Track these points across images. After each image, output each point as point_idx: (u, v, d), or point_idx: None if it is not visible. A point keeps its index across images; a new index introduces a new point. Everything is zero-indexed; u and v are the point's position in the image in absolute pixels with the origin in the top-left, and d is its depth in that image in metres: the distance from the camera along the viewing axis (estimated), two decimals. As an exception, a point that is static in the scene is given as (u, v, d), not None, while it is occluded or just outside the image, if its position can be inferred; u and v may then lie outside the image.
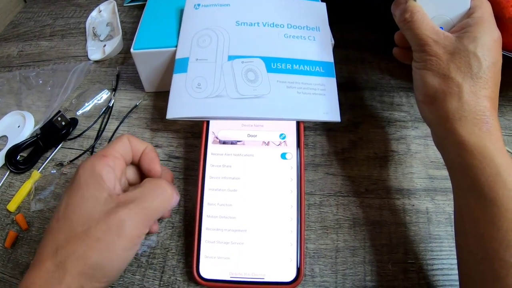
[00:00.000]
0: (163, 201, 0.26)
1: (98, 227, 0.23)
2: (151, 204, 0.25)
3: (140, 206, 0.24)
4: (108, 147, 0.27)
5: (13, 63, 0.51)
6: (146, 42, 0.39)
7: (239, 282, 0.29)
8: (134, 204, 0.24)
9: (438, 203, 0.35)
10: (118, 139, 0.28)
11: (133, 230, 0.24)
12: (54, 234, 0.23)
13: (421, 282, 0.31)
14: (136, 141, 0.29)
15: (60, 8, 0.61)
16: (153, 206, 0.25)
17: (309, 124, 0.41)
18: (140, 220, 0.24)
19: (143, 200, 0.25)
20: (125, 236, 0.23)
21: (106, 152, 0.27)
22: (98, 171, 0.25)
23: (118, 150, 0.27)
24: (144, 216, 0.24)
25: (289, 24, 0.40)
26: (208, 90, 0.35)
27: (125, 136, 0.29)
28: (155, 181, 0.27)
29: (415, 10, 0.30)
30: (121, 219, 0.23)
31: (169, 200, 0.27)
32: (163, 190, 0.26)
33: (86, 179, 0.24)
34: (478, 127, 0.26)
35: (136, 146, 0.29)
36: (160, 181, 0.27)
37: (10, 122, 0.43)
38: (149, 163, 0.29)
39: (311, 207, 0.35)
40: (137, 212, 0.24)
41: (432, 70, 0.28)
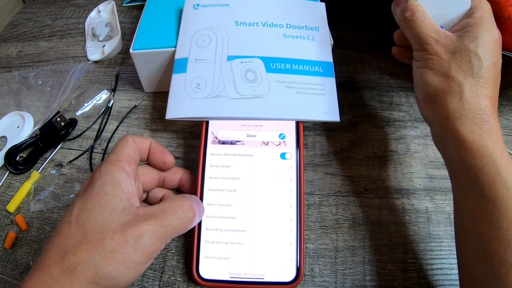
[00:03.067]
0: (183, 222, 0.25)
1: (114, 238, 0.22)
2: (171, 223, 0.24)
3: (160, 223, 0.24)
4: (117, 151, 0.26)
5: (12, 63, 0.51)
6: (145, 42, 0.39)
7: (238, 282, 0.29)
8: (154, 220, 0.23)
9: (437, 203, 0.35)
10: (123, 142, 0.27)
11: (150, 246, 0.23)
12: (63, 238, 0.22)
13: (420, 281, 0.31)
14: (140, 139, 0.29)
15: (59, 9, 0.61)
16: (173, 225, 0.24)
17: (308, 124, 0.41)
18: (158, 237, 0.23)
19: (164, 218, 0.24)
20: (141, 251, 0.22)
21: (119, 156, 0.26)
22: (116, 177, 0.24)
23: (128, 153, 0.26)
24: (163, 234, 0.24)
25: (288, 24, 0.40)
26: (208, 90, 0.35)
27: (129, 136, 0.28)
28: (178, 200, 0.26)
29: (416, 9, 0.30)
30: (140, 233, 0.22)
31: (190, 221, 0.26)
32: (186, 211, 0.26)
33: (103, 186, 0.24)
34: (478, 126, 0.26)
35: (141, 144, 0.29)
36: (184, 201, 0.26)
37: (9, 122, 0.43)
38: (161, 157, 0.29)
39: (310, 207, 0.35)
40: (157, 229, 0.23)
41: (433, 69, 0.28)
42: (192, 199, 0.27)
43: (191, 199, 0.27)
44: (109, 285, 0.22)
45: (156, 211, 0.24)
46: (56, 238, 0.22)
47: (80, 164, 0.39)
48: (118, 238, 0.22)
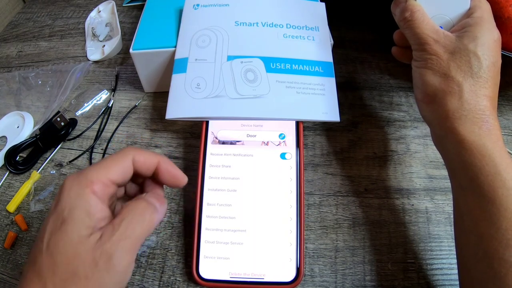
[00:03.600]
0: (145, 225, 0.24)
1: (86, 265, 0.21)
2: (133, 232, 0.23)
3: (123, 235, 0.22)
4: (100, 167, 0.24)
5: (12, 63, 0.51)
6: (145, 42, 0.39)
7: (238, 282, 0.29)
8: (117, 235, 0.22)
9: (437, 203, 0.35)
10: (117, 158, 0.25)
11: (121, 262, 0.22)
12: (38, 270, 0.21)
13: (420, 281, 0.31)
14: (144, 156, 0.26)
15: (59, 9, 0.61)
16: (136, 233, 0.23)
17: (308, 124, 0.41)
18: (126, 250, 0.22)
19: (126, 228, 0.23)
20: (114, 270, 0.22)
21: (95, 175, 0.23)
22: (84, 202, 0.22)
23: (110, 175, 0.24)
24: (130, 245, 0.23)
25: (288, 24, 0.40)
26: (208, 90, 0.35)
27: (130, 153, 0.25)
28: (134, 205, 0.24)
29: (415, 9, 0.30)
30: (108, 255, 0.22)
31: (152, 222, 0.24)
32: (143, 214, 0.24)
33: (71, 212, 0.22)
34: (478, 126, 0.26)
35: (146, 161, 0.26)
36: (139, 204, 0.24)
37: (9, 122, 0.43)
38: (172, 181, 0.26)
39: (310, 207, 0.35)
40: (122, 242, 0.22)
41: (432, 69, 0.28)
42: (148, 196, 0.25)
43: (147, 197, 0.25)
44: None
45: (116, 225, 0.23)
46: (31, 269, 0.22)
47: (80, 164, 0.39)
48: (89, 264, 0.21)
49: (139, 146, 0.40)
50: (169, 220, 0.34)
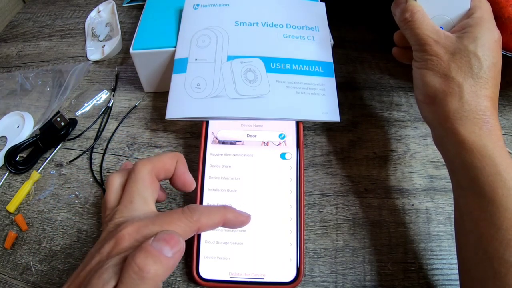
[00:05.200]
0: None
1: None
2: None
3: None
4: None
5: (12, 63, 0.51)
6: (145, 42, 0.39)
7: (238, 282, 0.29)
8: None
9: (437, 203, 0.35)
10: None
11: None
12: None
13: (420, 281, 0.31)
14: (163, 163, 0.25)
15: (59, 9, 0.60)
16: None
17: (308, 124, 0.41)
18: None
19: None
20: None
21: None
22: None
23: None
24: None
25: (288, 24, 0.40)
26: (207, 90, 0.35)
27: (151, 173, 0.25)
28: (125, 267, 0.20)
29: (415, 10, 0.30)
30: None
31: (155, 278, 0.20)
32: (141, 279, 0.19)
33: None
34: (478, 127, 0.26)
35: (165, 168, 0.25)
36: (127, 267, 0.20)
37: (9, 122, 0.43)
38: (182, 187, 0.26)
39: (310, 207, 0.35)
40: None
41: (433, 70, 0.28)
42: (154, 242, 0.20)
43: (153, 242, 0.20)
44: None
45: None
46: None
47: (80, 164, 0.39)
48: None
49: (139, 146, 0.40)
50: (169, 220, 0.34)
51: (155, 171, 0.25)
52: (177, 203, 0.35)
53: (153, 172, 0.25)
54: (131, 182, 0.24)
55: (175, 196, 0.36)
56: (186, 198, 0.36)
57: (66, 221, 0.35)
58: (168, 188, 0.36)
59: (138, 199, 0.24)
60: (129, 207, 0.23)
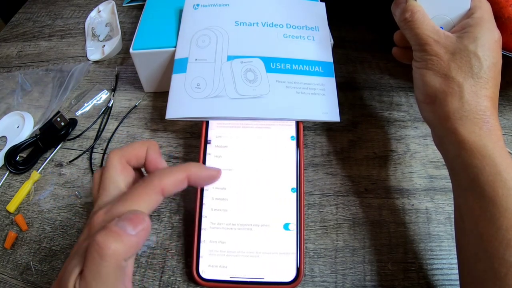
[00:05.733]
0: (106, 268, 0.20)
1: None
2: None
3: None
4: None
5: (12, 63, 0.51)
6: (145, 42, 0.39)
7: (238, 282, 0.29)
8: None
9: (437, 203, 0.35)
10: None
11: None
12: None
13: (420, 281, 0.31)
14: (134, 150, 0.25)
15: (59, 9, 0.60)
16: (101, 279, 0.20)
17: (308, 124, 0.41)
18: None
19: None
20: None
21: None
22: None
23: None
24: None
25: (288, 24, 0.40)
26: (208, 90, 0.35)
27: (121, 159, 0.25)
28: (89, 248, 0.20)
29: (415, 10, 0.30)
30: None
31: (115, 259, 0.20)
32: (101, 260, 0.20)
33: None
34: (478, 127, 0.26)
35: (136, 155, 0.25)
36: (91, 246, 0.20)
37: (9, 122, 0.43)
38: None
39: (310, 207, 0.35)
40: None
41: (433, 70, 0.28)
42: (118, 222, 0.20)
43: (117, 223, 0.20)
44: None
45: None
46: None
47: (80, 164, 0.39)
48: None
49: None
50: (169, 220, 0.34)
51: (125, 157, 0.25)
52: (177, 203, 0.35)
53: (124, 159, 0.25)
54: (105, 172, 0.25)
55: (175, 196, 0.36)
56: (186, 198, 0.36)
57: (66, 221, 0.35)
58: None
59: (111, 186, 0.24)
60: (104, 194, 0.24)
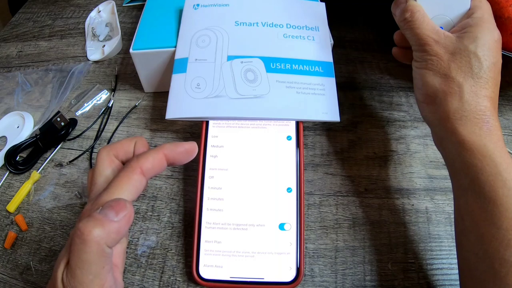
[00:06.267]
0: (91, 255, 0.21)
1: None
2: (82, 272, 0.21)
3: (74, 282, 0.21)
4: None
5: (12, 63, 0.51)
6: (145, 42, 0.39)
7: (238, 282, 0.29)
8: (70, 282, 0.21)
9: (437, 203, 0.35)
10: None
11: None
12: None
13: (420, 281, 0.31)
14: (122, 146, 0.26)
15: (59, 9, 0.60)
16: (86, 269, 0.21)
17: (308, 124, 0.41)
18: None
19: (74, 270, 0.21)
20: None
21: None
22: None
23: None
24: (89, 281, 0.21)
25: (288, 24, 0.40)
26: (208, 90, 0.35)
27: (109, 154, 0.25)
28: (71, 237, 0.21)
29: (415, 10, 0.30)
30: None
31: (97, 245, 0.20)
32: (85, 248, 0.20)
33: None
34: (478, 127, 0.26)
35: (125, 150, 0.26)
36: (73, 235, 0.21)
37: (9, 122, 0.43)
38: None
39: (310, 207, 0.35)
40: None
41: (433, 70, 0.28)
42: (102, 210, 0.21)
43: (100, 212, 0.21)
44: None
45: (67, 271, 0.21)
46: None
47: (80, 164, 0.39)
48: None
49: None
50: (169, 220, 0.34)
51: (113, 151, 0.26)
52: (177, 203, 0.35)
53: (111, 153, 0.26)
54: (95, 167, 0.25)
55: (175, 196, 0.36)
56: (186, 198, 0.36)
57: (66, 221, 0.35)
58: (168, 188, 0.36)
59: (100, 179, 0.25)
60: (94, 190, 0.25)
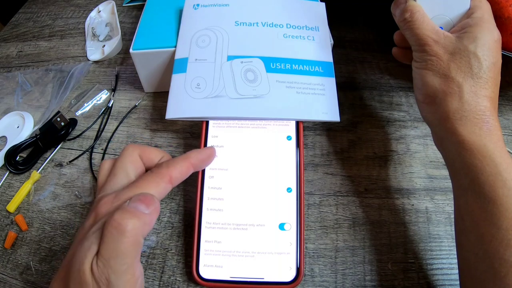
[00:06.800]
0: (127, 241, 0.22)
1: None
2: (115, 250, 0.22)
3: (107, 261, 0.22)
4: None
5: (12, 63, 0.51)
6: (145, 42, 0.39)
7: (238, 282, 0.29)
8: (102, 261, 0.22)
9: (437, 203, 0.35)
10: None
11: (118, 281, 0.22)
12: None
13: (420, 281, 0.31)
14: (150, 152, 0.28)
15: (59, 9, 0.60)
16: (120, 251, 0.22)
17: (308, 124, 0.41)
18: (117, 272, 0.22)
19: (107, 251, 0.22)
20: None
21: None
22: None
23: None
24: (119, 265, 0.22)
25: (288, 24, 0.40)
26: (208, 90, 0.35)
27: (135, 152, 0.27)
28: (107, 224, 0.22)
29: (415, 10, 0.30)
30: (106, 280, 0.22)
31: (134, 233, 0.22)
32: (121, 233, 0.21)
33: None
34: (478, 127, 0.26)
35: (150, 156, 0.28)
36: (110, 223, 0.22)
37: (9, 122, 0.43)
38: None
39: (310, 207, 0.35)
40: (112, 264, 0.22)
41: (433, 70, 0.28)
42: (131, 203, 0.22)
43: (129, 204, 0.22)
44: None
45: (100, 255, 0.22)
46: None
47: (80, 164, 0.39)
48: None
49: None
50: (169, 220, 0.34)
51: (139, 151, 0.27)
52: (177, 203, 0.35)
53: (138, 153, 0.27)
54: (118, 159, 0.26)
55: (175, 196, 0.36)
56: (186, 198, 0.36)
57: (66, 221, 0.35)
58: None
59: (121, 172, 0.26)
60: (112, 181, 0.25)
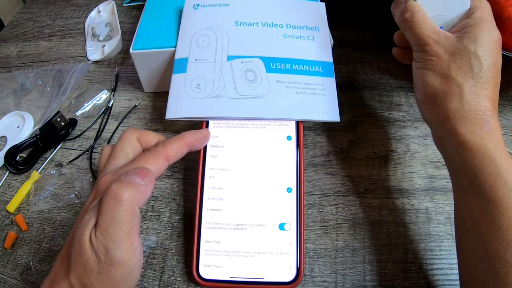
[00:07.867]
0: (122, 212, 0.23)
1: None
2: (113, 223, 0.23)
3: (105, 231, 0.23)
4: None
5: (12, 63, 0.51)
6: (145, 42, 0.39)
7: (238, 282, 0.29)
8: (101, 231, 0.23)
9: (437, 203, 0.35)
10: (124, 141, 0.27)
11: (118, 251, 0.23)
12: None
13: (420, 281, 0.31)
14: (148, 135, 0.29)
15: (59, 9, 0.61)
16: (118, 221, 0.23)
17: (308, 124, 0.41)
18: (114, 241, 0.23)
19: (105, 223, 0.23)
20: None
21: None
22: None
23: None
24: (116, 235, 0.23)
25: (288, 24, 0.40)
26: (207, 90, 0.35)
27: (134, 135, 0.28)
28: (105, 195, 0.23)
29: (415, 10, 0.30)
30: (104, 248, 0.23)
31: (129, 204, 0.23)
32: (117, 205, 0.22)
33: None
34: (478, 127, 0.26)
35: (148, 139, 0.29)
36: (108, 194, 0.23)
37: (9, 122, 0.43)
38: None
39: (310, 207, 0.35)
40: (111, 233, 0.23)
41: (433, 70, 0.28)
42: (128, 175, 0.24)
43: (126, 177, 0.24)
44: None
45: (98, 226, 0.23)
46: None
47: (80, 164, 0.39)
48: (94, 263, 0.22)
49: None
50: (169, 220, 0.34)
51: (137, 134, 0.29)
52: (177, 203, 0.35)
53: (137, 136, 0.28)
54: (117, 142, 0.28)
55: (175, 196, 0.36)
56: (186, 198, 0.36)
57: (66, 221, 0.35)
58: (168, 188, 0.36)
59: (120, 154, 0.27)
60: (112, 162, 0.27)
